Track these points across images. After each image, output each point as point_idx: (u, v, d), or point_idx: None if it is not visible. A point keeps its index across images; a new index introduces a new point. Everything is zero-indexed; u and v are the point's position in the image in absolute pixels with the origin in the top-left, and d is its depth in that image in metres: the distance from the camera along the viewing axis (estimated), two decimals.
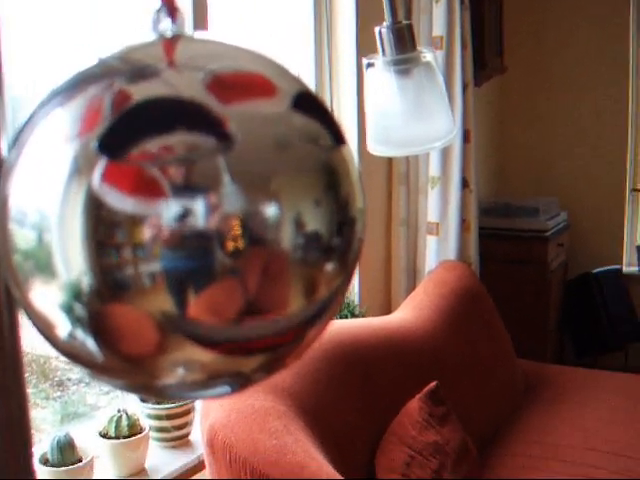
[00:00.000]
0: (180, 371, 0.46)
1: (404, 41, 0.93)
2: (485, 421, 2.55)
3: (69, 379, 2.23)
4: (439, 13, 2.94)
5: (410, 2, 2.99)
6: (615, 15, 3.95)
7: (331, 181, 0.48)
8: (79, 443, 1.87)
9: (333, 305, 0.49)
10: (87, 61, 0.48)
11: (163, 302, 0.43)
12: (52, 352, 0.51)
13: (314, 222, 0.46)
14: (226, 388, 0.49)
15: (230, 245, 0.43)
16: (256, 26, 2.58)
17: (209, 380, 0.48)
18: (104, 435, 1.98)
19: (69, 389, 2.24)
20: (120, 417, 1.98)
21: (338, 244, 0.48)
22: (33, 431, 0.58)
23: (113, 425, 1.97)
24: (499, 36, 3.84)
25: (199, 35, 0.51)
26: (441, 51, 2.93)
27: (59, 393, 2.22)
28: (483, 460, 2.34)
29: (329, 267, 0.47)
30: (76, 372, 2.20)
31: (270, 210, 0.44)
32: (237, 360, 0.47)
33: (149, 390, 0.51)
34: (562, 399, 2.81)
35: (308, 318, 0.47)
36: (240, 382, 0.49)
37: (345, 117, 2.67)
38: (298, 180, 0.46)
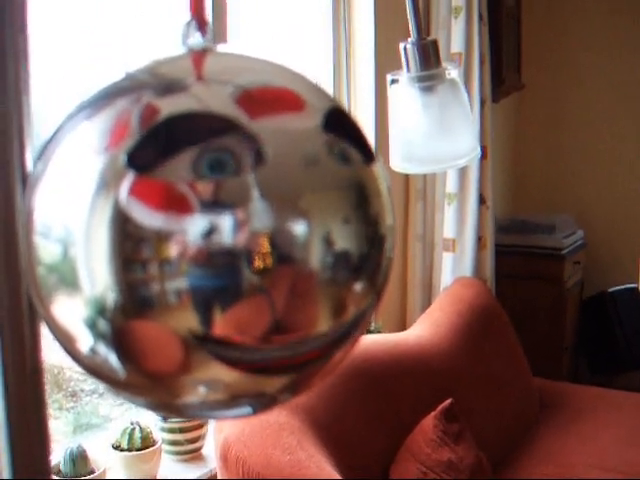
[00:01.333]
0: (203, 390, 0.46)
1: (429, 57, 0.93)
2: (500, 439, 2.52)
3: (82, 390, 2.23)
4: (458, 29, 2.94)
5: (428, 18, 2.99)
6: (635, 29, 3.94)
7: (361, 199, 0.47)
8: (92, 455, 1.87)
9: (361, 325, 0.48)
10: (115, 74, 0.48)
11: (188, 320, 0.42)
12: (66, 362, 0.50)
13: (343, 240, 0.45)
14: (248, 409, 0.48)
15: (258, 263, 0.42)
16: (274, 40, 2.59)
17: (231, 400, 0.47)
18: (117, 447, 1.97)
19: (82, 400, 2.23)
20: (133, 429, 1.97)
21: (367, 263, 0.47)
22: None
23: (126, 437, 1.97)
24: (517, 52, 3.84)
25: (223, 48, 0.50)
26: (459, 67, 2.92)
27: (72, 404, 2.22)
28: (497, 479, 2.32)
29: (358, 287, 0.46)
30: (90, 383, 2.20)
31: (299, 228, 0.43)
32: (261, 380, 0.46)
33: (170, 408, 0.50)
34: (577, 418, 2.78)
35: (335, 338, 0.46)
36: (263, 402, 0.48)
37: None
38: (327, 198, 0.45)
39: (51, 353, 0.53)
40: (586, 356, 3.96)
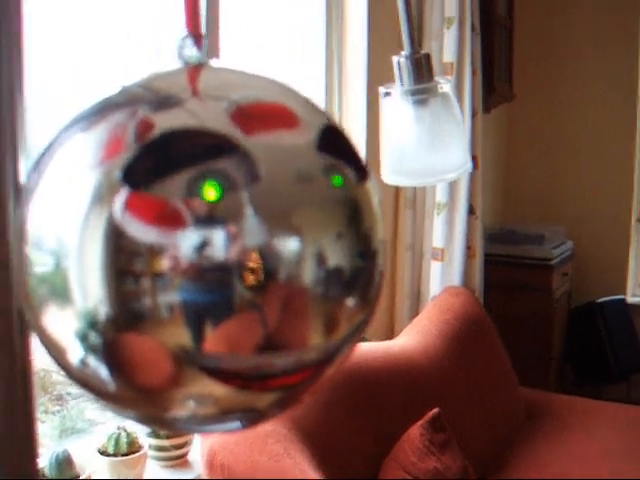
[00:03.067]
0: (192, 404, 0.46)
1: (422, 71, 0.93)
2: (486, 449, 2.53)
3: (68, 393, 2.22)
4: (450, 39, 2.95)
5: (421, 28, 2.99)
6: (624, 43, 3.96)
7: (353, 215, 0.47)
8: (77, 459, 1.86)
9: (353, 341, 0.48)
10: (111, 88, 0.48)
11: (180, 334, 0.42)
12: (52, 366, 0.50)
13: (336, 256, 0.45)
14: (237, 424, 0.48)
15: (250, 278, 0.42)
16: (266, 53, 2.59)
17: (221, 415, 0.47)
18: (103, 452, 1.97)
19: (68, 403, 2.22)
20: (119, 434, 1.96)
21: (360, 278, 0.47)
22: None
23: (112, 442, 1.96)
24: (508, 63, 3.85)
25: (217, 63, 0.50)
26: (451, 77, 2.93)
27: (58, 407, 2.21)
28: None
29: (350, 302, 0.47)
30: (76, 387, 2.19)
31: (291, 244, 0.43)
32: (252, 395, 0.46)
33: (159, 422, 0.50)
34: (564, 429, 2.79)
35: (327, 355, 0.47)
36: (253, 417, 0.48)
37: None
38: (320, 214, 0.45)
39: (38, 357, 0.53)
40: (574, 366, 3.97)
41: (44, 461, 1.82)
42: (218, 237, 0.42)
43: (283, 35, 2.68)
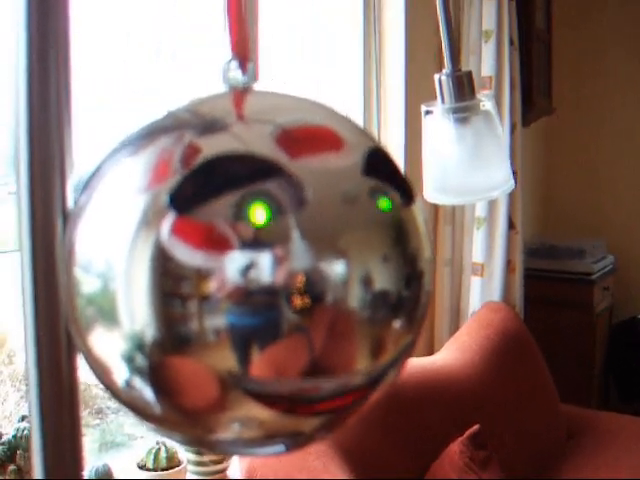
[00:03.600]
0: (237, 427, 0.46)
1: (463, 89, 0.93)
2: (526, 467, 2.50)
3: (108, 407, 2.24)
4: (488, 53, 2.94)
5: (459, 42, 2.99)
6: None
7: (400, 237, 0.47)
8: (117, 473, 1.87)
9: (400, 363, 0.48)
10: (156, 112, 0.48)
11: (226, 358, 0.42)
12: (92, 380, 0.51)
13: (382, 279, 0.45)
14: (281, 447, 0.48)
15: (297, 301, 0.42)
16: (304, 71, 2.60)
17: (266, 438, 0.47)
18: (142, 466, 1.98)
19: (108, 417, 2.24)
20: (159, 449, 1.98)
21: (406, 300, 0.47)
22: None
23: (151, 457, 1.97)
24: (547, 76, 3.83)
25: (262, 87, 0.51)
26: (490, 91, 2.92)
27: (98, 421, 2.23)
28: None
29: (397, 325, 0.46)
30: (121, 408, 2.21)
31: (338, 267, 0.43)
32: (297, 419, 0.46)
33: (203, 444, 0.50)
34: (606, 447, 2.74)
35: (374, 378, 0.46)
36: (297, 441, 0.48)
37: None
38: (366, 237, 0.45)
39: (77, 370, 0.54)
40: (616, 383, 3.91)
41: (84, 475, 1.83)
42: (265, 260, 0.42)
43: (320, 53, 2.69)
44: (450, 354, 2.58)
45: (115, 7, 1.99)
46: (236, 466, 1.94)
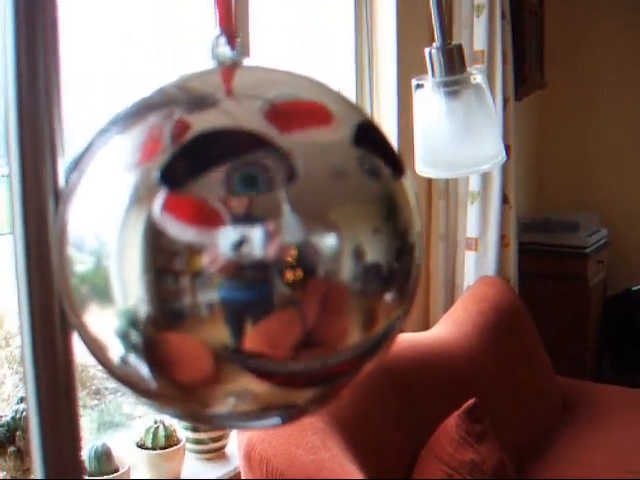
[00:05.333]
0: (232, 401, 0.46)
1: (454, 62, 0.93)
2: (523, 440, 2.52)
3: (106, 388, 2.25)
4: (480, 27, 2.93)
5: (451, 16, 2.98)
6: None
7: (390, 210, 0.47)
8: (116, 453, 1.89)
9: (392, 335, 0.49)
10: (146, 89, 0.48)
11: (220, 332, 0.43)
12: (90, 360, 0.51)
13: (373, 252, 0.45)
14: (277, 419, 0.49)
15: (289, 275, 0.42)
16: (296, 47, 2.59)
17: (261, 411, 0.47)
18: (141, 445, 1.99)
19: (106, 398, 2.25)
20: (157, 428, 1.99)
21: (398, 273, 0.47)
22: None
23: (150, 436, 1.98)
24: (540, 50, 3.82)
25: (252, 62, 0.51)
26: (482, 65, 2.91)
27: (96, 401, 2.24)
28: (521, 479, 2.31)
29: (388, 297, 0.47)
30: (113, 381, 2.22)
31: (329, 240, 0.43)
32: (291, 392, 0.47)
33: (199, 418, 0.51)
34: (600, 418, 2.77)
35: (366, 350, 0.47)
36: (292, 413, 0.49)
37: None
38: (357, 210, 0.45)
39: (76, 351, 0.54)
40: (610, 355, 3.94)
41: (83, 455, 1.84)
42: (256, 235, 0.42)
43: (312, 29, 2.68)
44: (445, 329, 2.59)
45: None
46: (235, 443, 1.95)
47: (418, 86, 0.97)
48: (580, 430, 2.70)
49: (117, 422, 2.27)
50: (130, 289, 0.43)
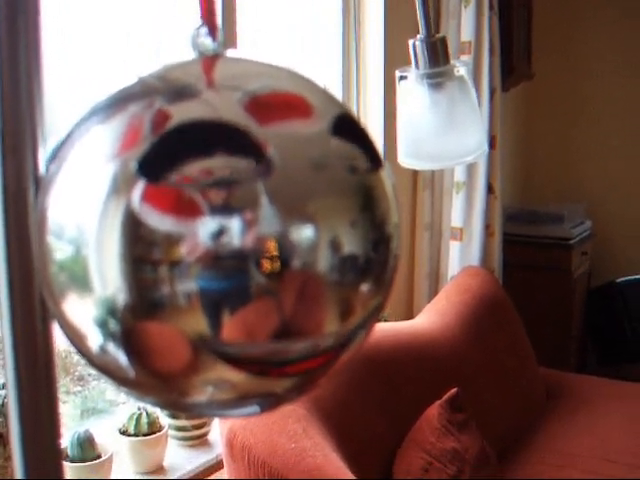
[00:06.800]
0: (210, 390, 0.46)
1: (438, 55, 0.93)
2: (505, 429, 2.54)
3: (89, 374, 2.25)
4: (468, 18, 2.93)
5: (439, 7, 2.98)
6: None
7: (367, 202, 0.47)
8: (99, 439, 1.89)
9: (369, 325, 0.49)
10: (126, 79, 0.48)
11: (197, 322, 0.43)
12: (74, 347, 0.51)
13: (350, 243, 0.45)
14: (255, 408, 0.49)
15: (266, 266, 0.43)
16: (284, 38, 2.59)
17: (239, 400, 0.48)
18: (124, 432, 1.99)
19: (89, 384, 2.25)
20: (140, 415, 1.99)
21: (374, 264, 0.48)
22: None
23: (133, 422, 1.99)
24: (528, 41, 3.82)
25: (233, 53, 0.51)
26: (469, 56, 2.92)
27: (79, 388, 2.23)
28: (502, 468, 2.33)
29: (365, 288, 0.47)
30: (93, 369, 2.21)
31: (306, 232, 0.44)
32: (269, 381, 0.47)
33: (177, 407, 0.51)
34: (583, 409, 2.79)
35: (343, 340, 0.47)
36: (270, 402, 0.49)
37: (372, 127, 2.66)
38: (335, 202, 0.46)
39: (59, 339, 0.54)
40: (593, 346, 3.96)
41: (66, 441, 1.84)
42: (234, 225, 0.42)
43: (299, 20, 2.68)
44: (429, 318, 2.60)
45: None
46: (217, 430, 1.96)
47: (402, 78, 0.98)
48: (562, 420, 2.72)
49: (100, 409, 2.27)
50: (109, 278, 0.44)
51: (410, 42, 0.95)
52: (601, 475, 2.31)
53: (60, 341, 0.54)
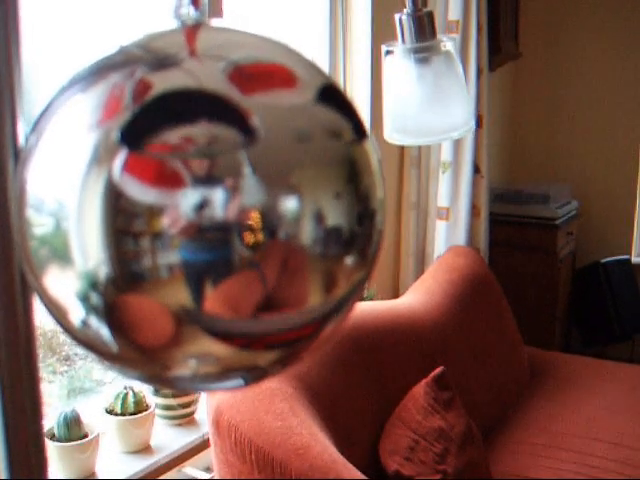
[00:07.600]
0: (194, 363, 0.46)
1: (424, 29, 0.92)
2: (491, 408, 2.55)
3: (76, 354, 2.24)
4: None
5: None
6: (632, 1, 3.91)
7: (352, 174, 0.47)
8: (85, 419, 1.88)
9: (353, 299, 0.49)
10: (108, 48, 0.47)
11: (180, 294, 0.43)
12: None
13: (334, 216, 0.45)
14: (239, 381, 0.49)
15: (249, 237, 0.42)
16: (270, 11, 2.57)
17: (223, 373, 0.47)
18: (110, 411, 1.99)
19: (76, 364, 2.24)
20: (127, 394, 1.99)
21: (358, 237, 0.47)
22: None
23: (119, 402, 1.98)
24: (514, 20, 3.81)
25: (217, 23, 0.50)
26: (456, 35, 2.91)
27: (66, 367, 2.23)
28: (488, 446, 2.34)
29: (349, 261, 0.47)
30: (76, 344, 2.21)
31: (290, 203, 0.43)
32: (253, 354, 0.47)
33: (161, 381, 0.51)
34: (568, 388, 2.81)
35: (327, 313, 0.47)
36: (255, 375, 0.49)
37: (359, 103, 2.65)
38: (319, 173, 0.45)
39: (45, 319, 0.54)
40: (578, 326, 3.98)
41: (53, 421, 1.84)
42: (217, 196, 0.42)
43: None
44: (415, 297, 2.61)
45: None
46: (204, 409, 1.96)
47: (388, 52, 0.97)
48: (546, 399, 2.74)
49: (87, 388, 2.26)
50: (90, 251, 0.43)
51: (396, 16, 0.94)
52: (588, 454, 2.33)
53: (46, 321, 0.53)
